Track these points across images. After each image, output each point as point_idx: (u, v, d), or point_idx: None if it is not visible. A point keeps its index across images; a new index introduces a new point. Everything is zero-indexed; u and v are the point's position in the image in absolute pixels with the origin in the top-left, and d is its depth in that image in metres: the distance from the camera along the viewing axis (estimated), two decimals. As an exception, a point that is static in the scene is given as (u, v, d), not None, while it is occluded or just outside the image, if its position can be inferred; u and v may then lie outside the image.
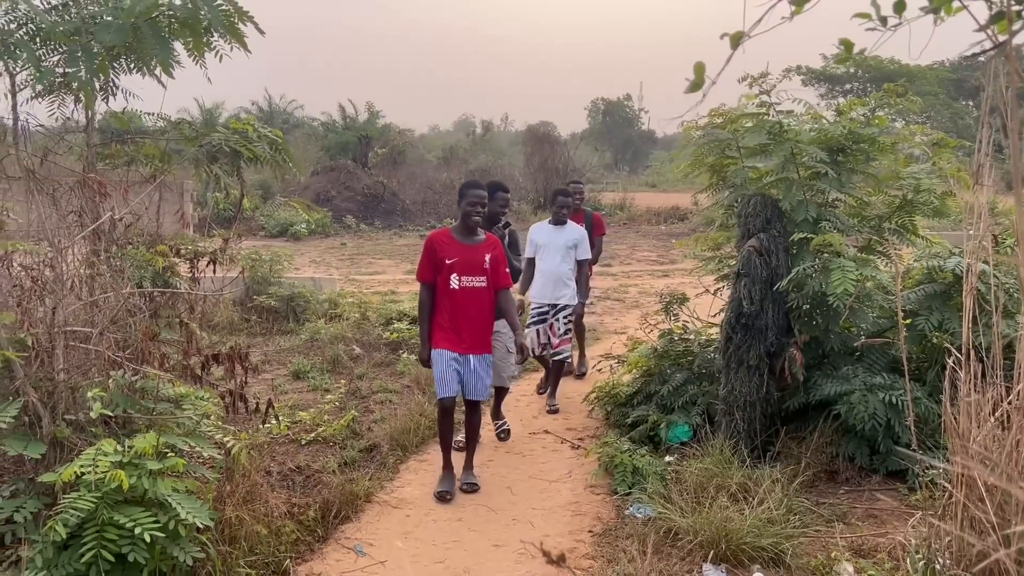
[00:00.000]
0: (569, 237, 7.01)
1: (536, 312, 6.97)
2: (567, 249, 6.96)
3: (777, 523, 4.27)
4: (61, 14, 4.07)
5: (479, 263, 5.17)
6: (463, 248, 5.20)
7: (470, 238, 5.25)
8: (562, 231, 7.04)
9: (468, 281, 5.14)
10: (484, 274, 5.18)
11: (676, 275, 15.04)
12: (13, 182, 4.05)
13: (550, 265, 6.94)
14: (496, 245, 5.30)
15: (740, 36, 1.50)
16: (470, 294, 5.16)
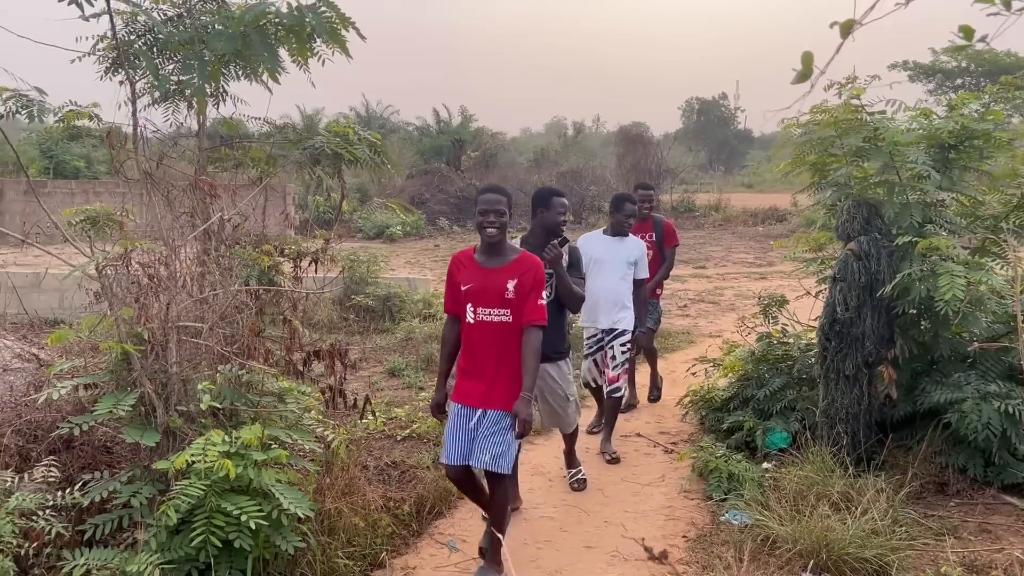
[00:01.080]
0: (630, 251, 5.95)
1: (591, 340, 6.03)
2: (627, 265, 5.93)
3: (882, 534, 4.10)
4: (176, 25, 4.28)
5: (499, 291, 4.04)
6: (480, 272, 4.11)
7: (491, 258, 4.13)
8: (622, 244, 5.99)
9: (485, 314, 4.06)
10: (507, 305, 4.04)
11: (774, 277, 14.63)
12: (131, 184, 4.28)
13: (607, 283, 5.88)
14: (530, 268, 4.07)
15: (851, 25, 1.45)
16: (488, 331, 4.07)
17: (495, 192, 4.14)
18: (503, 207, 4.05)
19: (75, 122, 4.22)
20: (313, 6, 3.90)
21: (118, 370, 3.80)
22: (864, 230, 5.18)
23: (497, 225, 4.05)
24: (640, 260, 5.97)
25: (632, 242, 6.03)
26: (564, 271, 4.70)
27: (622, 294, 5.91)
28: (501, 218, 4.05)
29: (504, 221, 4.07)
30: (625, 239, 6.01)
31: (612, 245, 5.98)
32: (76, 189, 21.15)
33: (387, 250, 17.10)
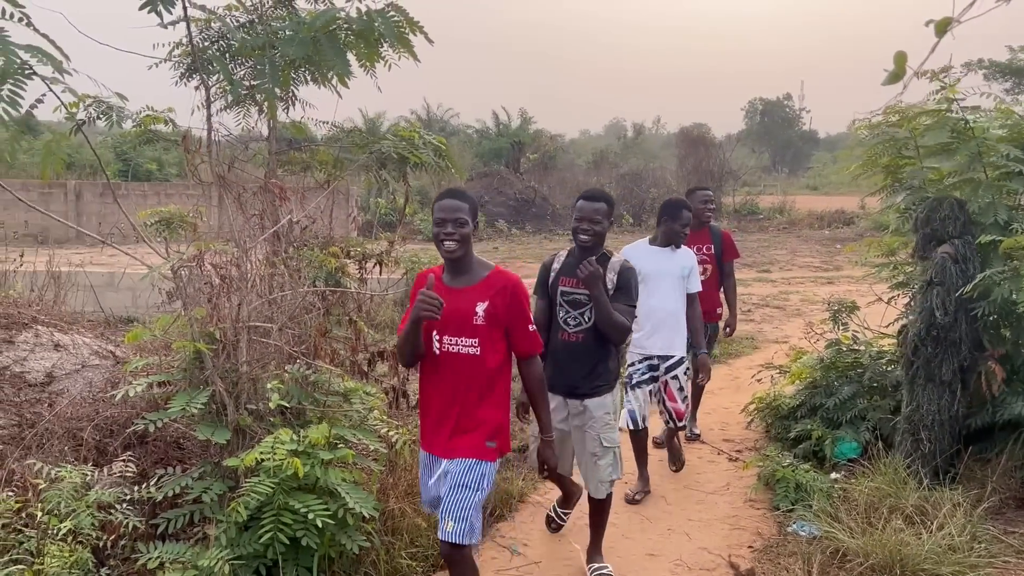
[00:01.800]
0: (684, 263, 5.27)
1: (643, 366, 5.25)
2: (681, 280, 5.23)
3: (959, 551, 3.95)
4: (248, 31, 4.37)
5: (466, 316, 3.30)
6: (445, 293, 3.30)
7: (456, 277, 3.39)
8: (673, 256, 5.26)
9: (451, 343, 3.32)
10: (475, 334, 3.30)
11: (841, 282, 14.28)
12: (205, 187, 4.38)
13: (660, 302, 5.15)
14: (504, 288, 3.32)
15: (948, 22, 1.39)
16: (452, 363, 3.34)
17: (453, 197, 3.33)
18: (464, 215, 3.28)
19: (151, 126, 4.35)
20: (382, 11, 3.93)
21: (191, 368, 3.89)
22: (960, 233, 5.01)
23: (457, 237, 3.28)
24: (692, 272, 5.30)
25: (684, 253, 5.31)
26: (603, 295, 3.89)
27: (678, 315, 5.24)
28: (462, 228, 3.28)
29: (466, 232, 3.30)
30: (676, 250, 5.28)
31: (663, 258, 5.24)
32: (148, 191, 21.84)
33: (447, 252, 17.20)
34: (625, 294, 4.01)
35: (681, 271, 5.22)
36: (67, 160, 23.49)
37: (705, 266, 5.78)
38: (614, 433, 4.16)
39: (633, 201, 26.76)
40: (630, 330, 4.07)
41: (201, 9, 4.09)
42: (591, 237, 4.01)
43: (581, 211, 4.01)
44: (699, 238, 6.13)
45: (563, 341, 4.08)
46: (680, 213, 5.26)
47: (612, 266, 4.05)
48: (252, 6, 4.61)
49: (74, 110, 3.74)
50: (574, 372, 4.06)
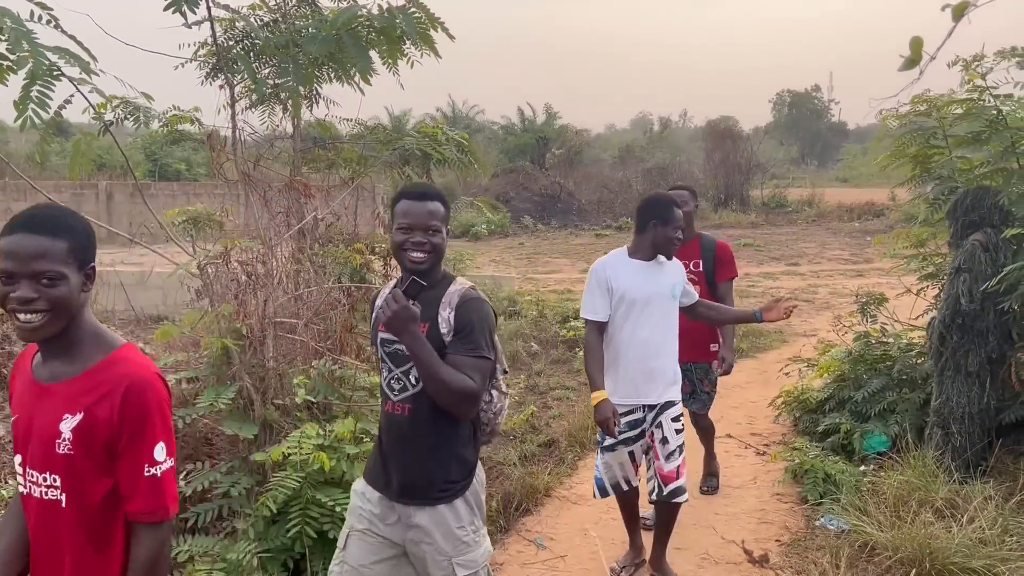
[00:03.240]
0: (675, 279, 3.99)
1: (625, 422, 3.90)
2: (673, 301, 3.97)
3: (990, 544, 3.90)
4: (272, 30, 4.42)
5: (47, 438, 1.89)
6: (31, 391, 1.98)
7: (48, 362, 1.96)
8: (662, 271, 3.94)
9: (32, 481, 1.92)
10: (57, 468, 1.88)
11: (871, 275, 14.11)
12: (230, 185, 4.44)
13: (650, 334, 3.86)
14: (116, 387, 1.87)
15: (964, 7, 1.37)
16: (38, 514, 1.94)
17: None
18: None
19: (177, 126, 4.41)
20: (403, 8, 3.96)
21: (218, 364, 3.95)
22: (991, 223, 4.94)
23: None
24: (687, 286, 4.12)
25: (672, 266, 4.03)
26: (421, 344, 2.45)
27: (672, 349, 3.97)
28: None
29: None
30: (664, 263, 3.97)
31: (651, 274, 3.90)
32: (177, 191, 22.14)
33: (472, 248, 17.27)
34: (467, 339, 2.53)
35: (672, 290, 3.93)
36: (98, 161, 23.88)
37: (693, 288, 4.38)
38: (477, 552, 2.65)
39: (659, 196, 26.61)
40: (478, 395, 2.52)
41: (225, 9, 4.14)
42: (426, 255, 2.57)
43: (407, 215, 2.58)
44: (685, 251, 4.70)
45: (386, 414, 2.67)
46: (672, 213, 3.92)
47: (448, 299, 2.57)
48: (276, 5, 4.67)
49: (102, 111, 3.81)
50: (401, 462, 2.60)
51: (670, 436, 3.91)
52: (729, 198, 27.34)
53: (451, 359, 2.48)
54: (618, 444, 3.94)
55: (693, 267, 4.93)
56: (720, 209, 26.33)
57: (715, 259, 5.02)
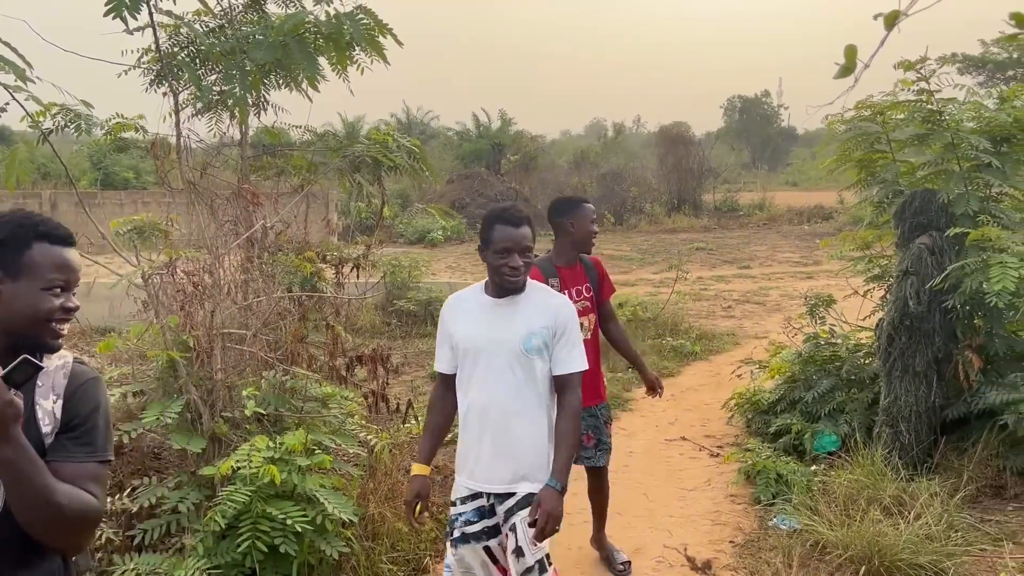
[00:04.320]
0: (534, 326, 2.90)
1: (470, 509, 3.01)
2: (523, 357, 2.89)
3: (936, 540, 3.98)
4: (217, 36, 4.35)
5: None
6: None
7: None
8: (516, 313, 2.93)
9: None
10: None
11: (821, 277, 14.37)
12: (176, 194, 4.35)
13: (491, 396, 2.93)
14: None
15: (896, 16, 1.40)
16: None
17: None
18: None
19: (121, 134, 4.32)
20: (351, 14, 3.93)
21: (165, 377, 3.86)
22: (938, 224, 5.06)
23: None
24: (561, 333, 2.90)
25: (535, 302, 2.93)
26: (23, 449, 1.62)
27: (524, 417, 2.91)
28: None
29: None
30: (519, 298, 2.92)
31: (498, 317, 2.93)
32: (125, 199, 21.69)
33: (428, 255, 17.19)
34: (82, 439, 1.78)
35: (524, 341, 2.85)
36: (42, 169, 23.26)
37: (588, 317, 3.93)
38: None
39: (614, 200, 26.82)
40: (100, 518, 1.82)
41: (168, 15, 4.06)
42: None
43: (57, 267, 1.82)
44: (573, 275, 4.07)
45: None
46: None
47: (51, 379, 1.81)
48: (222, 11, 4.59)
49: (40, 119, 3.71)
50: None
51: (526, 547, 2.83)
52: (682, 202, 27.61)
53: (56, 467, 1.69)
54: (466, 537, 2.95)
55: (585, 292, 4.10)
56: (673, 213, 26.58)
57: (599, 278, 4.24)
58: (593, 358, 3.89)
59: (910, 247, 5.10)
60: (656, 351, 8.97)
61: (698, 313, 11.56)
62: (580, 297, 4.02)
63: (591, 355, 3.59)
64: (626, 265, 17.63)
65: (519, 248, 2.83)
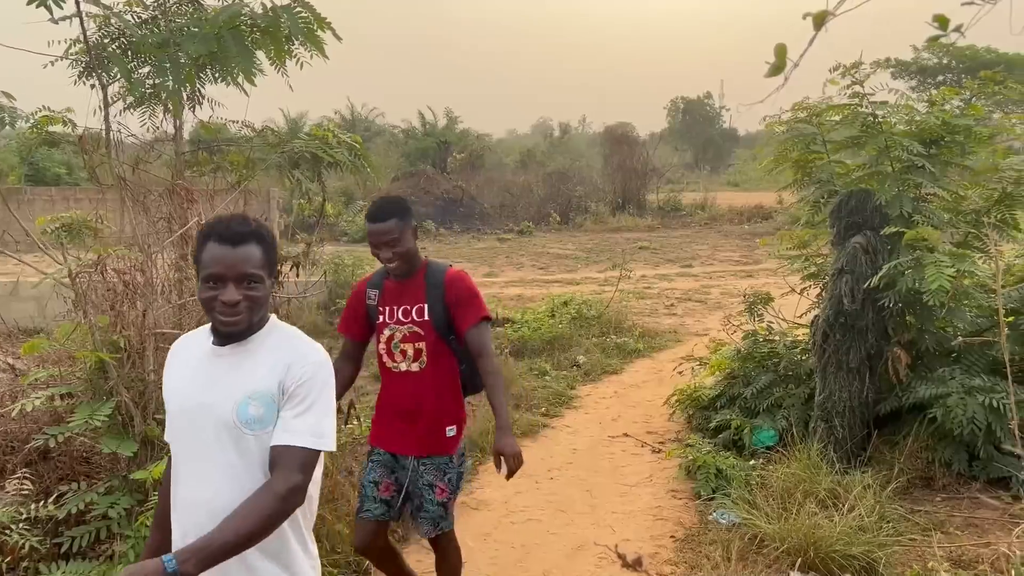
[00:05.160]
0: (251, 384, 2.06)
1: None
2: (238, 428, 2.05)
3: (869, 531, 4.09)
4: (150, 27, 4.22)
5: None
6: None
7: None
8: (238, 361, 2.11)
9: None
10: None
11: (760, 275, 14.65)
12: (107, 190, 4.22)
13: (201, 487, 2.08)
14: None
15: (824, 15, 1.42)
16: None
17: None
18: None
19: (48, 128, 4.16)
20: (288, 7, 3.85)
21: (94, 379, 3.74)
22: (872, 224, 5.19)
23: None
24: (296, 393, 2.06)
25: (267, 353, 2.11)
26: None
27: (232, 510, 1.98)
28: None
29: None
30: (249, 346, 2.12)
31: (218, 368, 2.13)
32: (56, 196, 20.98)
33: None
34: None
35: (239, 408, 2.05)
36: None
37: (417, 346, 3.20)
38: None
39: (560, 200, 26.96)
40: None
41: (96, 4, 3.92)
42: None
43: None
44: (407, 293, 3.25)
45: None
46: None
47: None
48: (154, 2, 4.46)
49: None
50: None
51: None
52: (627, 202, 27.89)
53: None
54: None
55: (415, 314, 3.21)
56: (618, 213, 26.84)
57: (450, 299, 3.21)
58: (434, 393, 3.20)
59: (845, 246, 5.22)
60: (600, 349, 9.03)
61: (641, 311, 11.68)
62: (407, 319, 3.19)
63: (429, 390, 3.16)
64: (571, 264, 17.72)
65: (235, 275, 2.01)
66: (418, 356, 3.21)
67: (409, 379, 3.20)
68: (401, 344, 3.17)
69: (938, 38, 1.50)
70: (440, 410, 3.26)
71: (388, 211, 3.06)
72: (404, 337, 3.19)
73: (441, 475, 3.27)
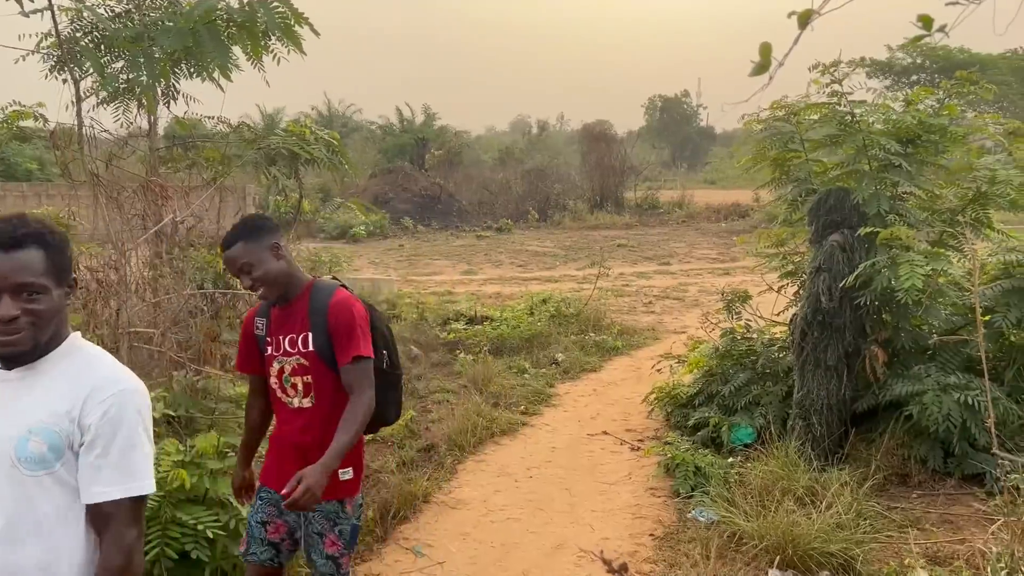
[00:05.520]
0: (34, 414, 1.77)
1: None
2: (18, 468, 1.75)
3: (846, 528, 4.11)
4: (124, 21, 4.16)
5: None
6: None
7: None
8: (25, 387, 1.81)
9: None
10: None
11: (737, 273, 14.74)
12: (79, 186, 4.15)
13: None
14: None
15: (808, 14, 1.41)
16: None
17: None
18: None
19: (18, 123, 4.09)
20: (265, 2, 3.80)
21: (66, 379, 3.67)
22: (850, 223, 5.23)
23: None
24: (102, 432, 1.77)
25: (61, 378, 1.81)
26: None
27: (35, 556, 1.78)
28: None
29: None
30: (39, 369, 1.82)
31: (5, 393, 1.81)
32: (28, 192, 20.70)
33: (350, 250, 16.96)
34: None
35: (19, 444, 1.75)
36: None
37: (305, 379, 2.86)
38: None
39: (538, 197, 26.98)
40: None
41: (68, -3, 3.86)
42: None
43: None
44: (291, 319, 2.89)
45: None
46: None
47: None
48: (128, -4, 4.40)
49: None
50: None
51: None
52: (605, 200, 27.98)
53: None
54: None
55: (301, 344, 2.86)
56: (596, 210, 26.91)
57: (332, 328, 2.82)
58: (324, 431, 2.78)
59: (823, 245, 5.25)
60: (579, 346, 9.03)
61: (620, 309, 11.70)
62: (293, 349, 2.85)
63: (319, 426, 2.82)
64: (550, 261, 17.73)
65: (10, 286, 1.73)
66: (308, 391, 2.85)
67: (303, 415, 2.85)
68: (291, 377, 2.84)
69: (922, 38, 1.50)
70: None
71: (233, 236, 2.74)
72: (293, 370, 2.84)
73: (331, 525, 2.85)
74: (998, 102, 32.25)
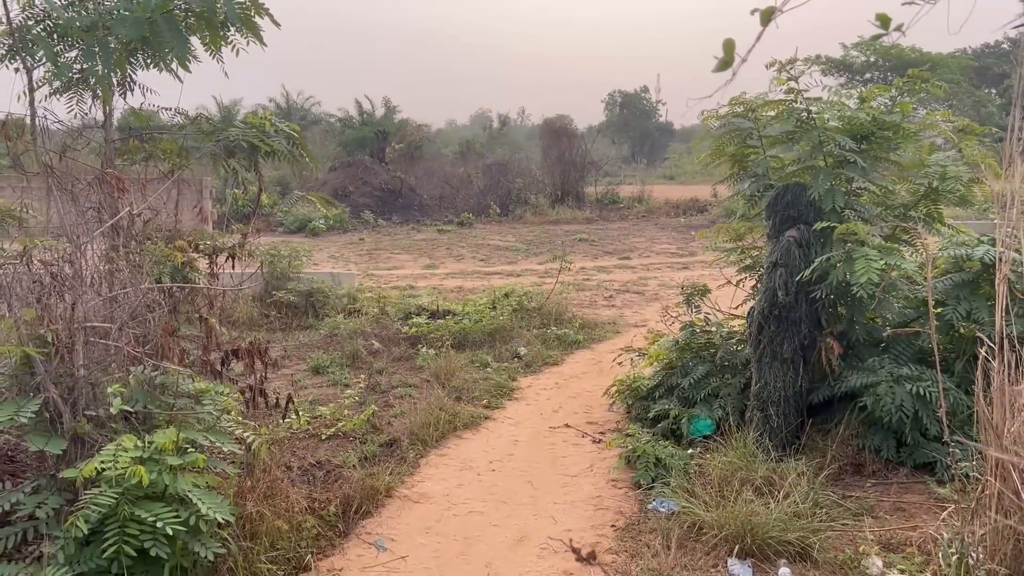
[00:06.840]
0: None
1: None
2: None
3: (803, 517, 4.21)
4: (78, 9, 4.07)
5: None
6: None
7: None
8: None
9: None
10: None
11: (696, 267, 14.92)
12: (32, 179, 4.05)
13: None
14: None
15: (771, 11, 1.44)
16: None
17: None
18: None
19: (-33, 112, 3.98)
20: (224, -9, 3.75)
21: (19, 374, 3.59)
22: (807, 218, 5.32)
23: None
24: None
25: None
26: None
27: None
28: None
29: None
30: None
31: None
32: (-24, 184, 20.08)
33: (310, 244, 16.76)
34: None
35: None
36: None
37: None
38: None
39: (500, 191, 26.96)
40: None
41: (20, -16, 3.76)
42: None
43: None
44: None
45: None
46: None
47: None
48: (82, -17, 4.29)
49: None
50: None
51: None
52: (565, 194, 28.06)
53: None
54: None
55: None
56: (557, 205, 26.99)
57: None
58: None
59: (780, 240, 5.35)
60: (541, 340, 9.06)
61: (581, 303, 11.76)
62: None
63: None
64: (512, 256, 17.74)
65: None
66: None
67: None
68: None
69: (878, 38, 1.54)
70: None
71: None
72: None
73: None
74: (948, 100, 33.06)
